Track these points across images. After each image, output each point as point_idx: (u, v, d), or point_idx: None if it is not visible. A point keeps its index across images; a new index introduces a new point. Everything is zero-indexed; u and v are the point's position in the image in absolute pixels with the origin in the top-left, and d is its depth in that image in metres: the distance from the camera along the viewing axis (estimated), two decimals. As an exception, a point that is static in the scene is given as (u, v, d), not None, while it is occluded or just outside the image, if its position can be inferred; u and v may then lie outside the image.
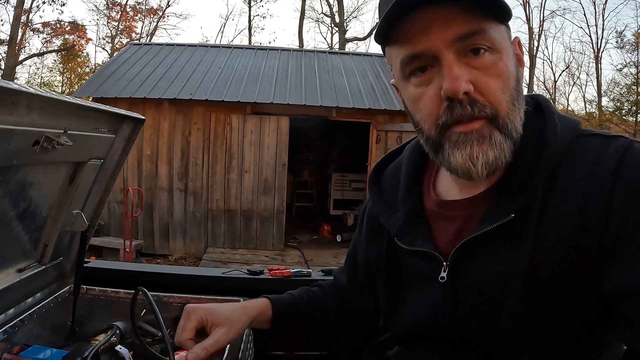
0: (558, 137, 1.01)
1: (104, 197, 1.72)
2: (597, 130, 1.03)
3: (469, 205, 1.10)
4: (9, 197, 1.29)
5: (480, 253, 1.04)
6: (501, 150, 0.97)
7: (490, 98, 0.96)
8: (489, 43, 0.96)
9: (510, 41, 1.04)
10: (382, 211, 1.27)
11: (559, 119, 1.05)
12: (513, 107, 0.98)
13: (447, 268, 1.09)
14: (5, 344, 1.37)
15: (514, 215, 0.99)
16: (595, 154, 0.96)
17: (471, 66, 0.96)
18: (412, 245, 1.15)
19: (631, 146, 0.95)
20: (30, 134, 1.16)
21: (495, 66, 0.97)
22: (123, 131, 1.60)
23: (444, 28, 0.94)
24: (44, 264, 1.60)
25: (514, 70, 1.01)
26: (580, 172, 0.96)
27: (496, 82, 0.97)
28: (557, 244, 0.95)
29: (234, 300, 1.66)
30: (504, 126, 0.97)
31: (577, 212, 0.94)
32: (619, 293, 0.87)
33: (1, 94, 0.99)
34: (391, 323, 1.27)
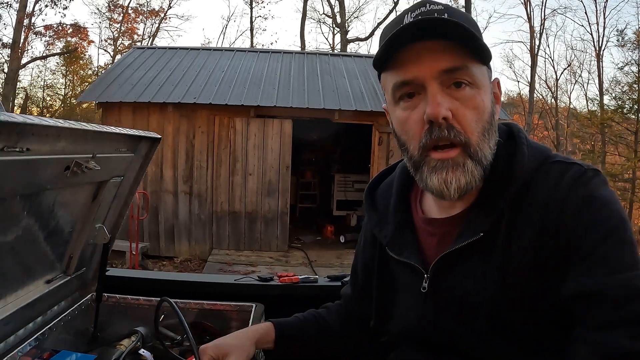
0: (524, 165, 1.15)
1: (124, 211, 1.83)
2: (560, 157, 1.17)
3: (446, 224, 1.24)
4: (40, 218, 1.41)
5: (456, 266, 1.19)
6: (472, 176, 1.11)
7: (465, 127, 1.10)
8: (470, 79, 1.10)
9: (490, 81, 1.19)
10: (375, 223, 1.41)
11: (528, 147, 1.19)
12: (484, 137, 1.12)
13: (428, 280, 1.24)
14: (35, 350, 1.48)
15: (483, 234, 1.13)
16: (554, 179, 1.11)
17: (452, 97, 1.10)
18: (400, 255, 1.30)
19: (584, 173, 1.10)
20: (62, 161, 1.28)
21: (473, 99, 1.11)
22: (141, 150, 1.71)
23: (432, 61, 1.09)
24: (69, 275, 1.70)
25: (490, 105, 1.15)
26: (541, 195, 1.10)
27: (472, 114, 1.10)
28: (521, 257, 1.10)
29: (247, 306, 1.79)
30: (475, 154, 1.11)
31: (538, 229, 1.09)
32: (573, 296, 1.02)
33: (37, 128, 1.10)
34: (384, 328, 1.41)
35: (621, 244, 1.02)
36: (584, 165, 1.12)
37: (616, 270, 0.99)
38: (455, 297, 1.20)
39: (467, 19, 1.15)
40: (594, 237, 1.02)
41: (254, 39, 34.37)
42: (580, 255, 1.03)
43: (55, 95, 33.53)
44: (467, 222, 1.19)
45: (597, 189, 1.08)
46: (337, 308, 1.63)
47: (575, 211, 1.06)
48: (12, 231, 1.32)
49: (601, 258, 1.01)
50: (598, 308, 0.98)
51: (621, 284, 0.97)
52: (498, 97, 1.23)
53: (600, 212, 1.05)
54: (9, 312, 1.39)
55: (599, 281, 0.99)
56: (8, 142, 1.05)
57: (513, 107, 34.92)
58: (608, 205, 1.06)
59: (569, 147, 32.36)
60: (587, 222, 1.04)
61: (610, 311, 0.96)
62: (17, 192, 1.24)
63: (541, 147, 1.22)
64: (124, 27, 33.83)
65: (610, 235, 1.02)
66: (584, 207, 1.05)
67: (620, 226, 1.04)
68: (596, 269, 1.00)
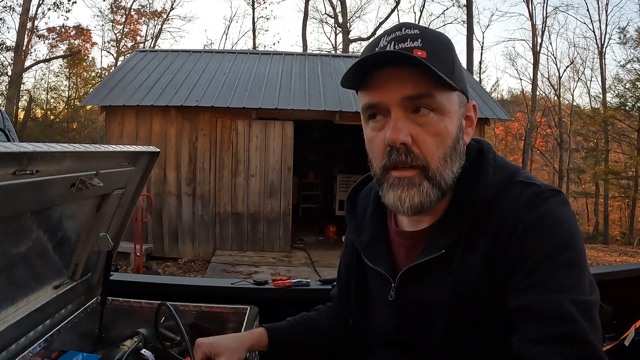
0: (487, 187, 1.20)
1: (126, 220, 1.94)
2: (523, 177, 1.22)
3: (414, 237, 1.32)
4: (48, 231, 1.53)
5: (419, 278, 1.27)
6: (427, 196, 1.16)
7: (425, 152, 1.15)
8: (434, 106, 1.14)
9: (460, 106, 1.22)
10: (352, 229, 1.49)
11: (494, 167, 1.24)
12: (445, 162, 1.17)
13: (395, 289, 1.33)
14: (44, 351, 1.58)
15: (444, 251, 1.21)
16: (511, 200, 1.17)
17: (415, 122, 1.15)
18: (373, 263, 1.38)
19: (540, 194, 1.16)
20: (68, 179, 1.39)
21: (435, 126, 1.15)
22: (141, 163, 1.81)
23: (397, 87, 1.14)
24: (75, 280, 1.80)
25: (455, 131, 1.19)
26: (498, 214, 1.17)
27: (432, 140, 1.15)
28: (473, 272, 1.18)
29: (242, 309, 1.89)
30: (433, 177, 1.16)
31: (490, 246, 1.16)
32: (513, 309, 1.09)
33: (45, 153, 1.22)
34: (361, 329, 1.49)
35: (565, 265, 1.06)
36: (542, 186, 1.17)
37: (553, 290, 1.04)
38: (417, 306, 1.28)
39: (439, 46, 1.17)
40: (539, 256, 1.08)
41: (257, 40, 34.51)
42: (523, 272, 1.09)
43: (59, 97, 33.63)
44: (431, 238, 1.25)
45: (551, 209, 1.12)
46: (328, 310, 1.70)
47: (525, 230, 1.11)
48: (24, 243, 1.43)
49: (542, 277, 1.06)
50: (532, 322, 1.04)
51: (555, 305, 1.02)
52: (472, 121, 1.27)
53: (551, 232, 1.09)
54: (20, 316, 1.49)
55: (535, 298, 1.04)
56: (20, 166, 1.16)
57: (516, 105, 34.88)
58: (559, 225, 1.10)
59: (572, 144, 32.24)
60: (534, 241, 1.09)
61: (541, 327, 1.02)
62: (28, 209, 1.35)
63: (508, 166, 1.27)
64: (126, 28, 33.94)
65: (556, 256, 1.07)
66: (534, 226, 1.11)
67: (568, 248, 1.08)
68: (535, 287, 1.06)
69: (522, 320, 1.07)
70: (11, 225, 1.33)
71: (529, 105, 29.73)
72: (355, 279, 1.50)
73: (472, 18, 26.58)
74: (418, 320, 1.29)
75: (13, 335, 1.48)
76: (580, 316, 1.01)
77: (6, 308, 1.45)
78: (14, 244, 1.39)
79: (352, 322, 1.53)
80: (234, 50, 18.53)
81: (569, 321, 1.00)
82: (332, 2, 31.90)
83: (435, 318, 1.23)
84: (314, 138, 13.74)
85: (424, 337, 1.27)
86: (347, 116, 11.19)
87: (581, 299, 1.04)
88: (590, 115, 24.86)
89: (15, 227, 1.35)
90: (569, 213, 1.15)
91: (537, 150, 32.44)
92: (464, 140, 1.24)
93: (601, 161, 24.64)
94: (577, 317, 1.01)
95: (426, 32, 1.18)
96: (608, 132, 24.32)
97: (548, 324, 1.02)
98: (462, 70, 1.24)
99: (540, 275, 1.07)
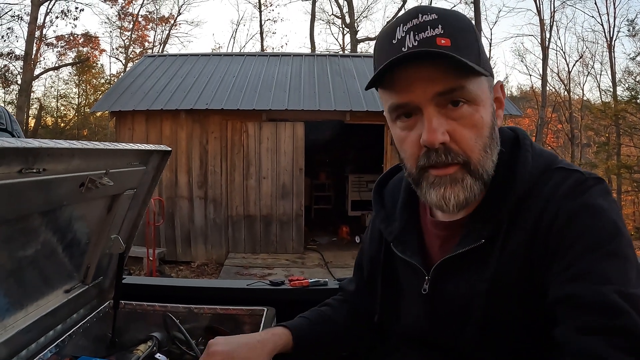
0: (526, 174, 1.15)
1: (138, 221, 1.89)
2: (564, 164, 1.17)
3: (449, 227, 1.26)
4: (58, 232, 1.48)
5: (455, 271, 1.21)
6: (471, 191, 1.12)
7: (464, 147, 1.10)
8: (467, 97, 1.09)
9: (491, 89, 1.17)
10: (381, 219, 1.43)
11: (532, 154, 1.19)
12: (485, 154, 1.12)
13: (429, 282, 1.26)
14: (56, 356, 1.53)
15: (484, 241, 1.15)
16: (552, 187, 1.11)
17: (450, 117, 1.09)
18: (404, 254, 1.32)
19: (584, 182, 1.10)
20: (77, 178, 1.35)
21: (471, 118, 1.10)
22: (152, 162, 1.77)
23: (427, 84, 1.07)
24: (86, 284, 1.77)
25: (490, 119, 1.14)
26: (539, 202, 1.11)
27: (470, 132, 1.10)
28: (513, 264, 1.11)
29: (259, 310, 1.84)
30: (475, 171, 1.12)
31: (530, 236, 1.10)
32: (555, 301, 1.02)
33: (52, 150, 1.17)
34: (387, 323, 1.43)
35: (610, 256, 1.01)
36: (585, 174, 1.12)
37: (599, 281, 0.98)
38: (452, 301, 1.21)
39: (461, 29, 1.10)
40: (583, 246, 1.02)
41: (264, 42, 34.56)
42: (566, 262, 1.03)
43: (69, 105, 33.85)
44: (468, 228, 1.19)
45: (594, 197, 1.07)
46: (341, 304, 1.61)
47: (568, 218, 1.05)
48: (33, 245, 1.38)
49: (587, 268, 1.00)
50: (577, 312, 0.98)
51: (602, 296, 0.96)
52: (501, 102, 1.22)
53: (594, 222, 1.04)
54: (31, 321, 1.45)
55: (581, 289, 0.99)
56: (26, 164, 1.12)
57: (526, 101, 34.74)
58: (603, 214, 1.05)
59: (584, 139, 32.11)
60: (578, 230, 1.04)
61: (589, 318, 0.96)
62: (36, 209, 1.31)
63: (546, 153, 1.22)
64: (134, 35, 34.10)
65: (600, 246, 1.02)
66: (577, 215, 1.05)
67: (612, 238, 1.03)
68: (581, 278, 1.00)
69: (568, 311, 1.00)
70: (19, 227, 1.28)
71: (539, 101, 29.55)
72: (383, 270, 1.44)
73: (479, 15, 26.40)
74: (453, 314, 1.22)
75: (23, 341, 1.44)
76: (630, 308, 0.95)
77: (15, 313, 1.40)
78: (22, 246, 1.34)
79: (377, 318, 1.46)
80: (242, 52, 18.54)
81: (621, 313, 0.94)
82: (339, 2, 31.93)
83: (472, 313, 1.17)
84: (325, 139, 13.73)
85: (458, 334, 1.21)
86: (358, 115, 11.17)
87: (629, 291, 0.97)
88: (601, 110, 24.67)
89: (23, 228, 1.31)
90: (612, 202, 1.09)
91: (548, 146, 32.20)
92: (497, 124, 1.19)
93: (613, 155, 24.46)
94: (628, 309, 0.94)
95: (445, 15, 1.10)
96: (619, 125, 24.10)
97: (598, 315, 0.96)
98: (485, 50, 1.18)
99: (585, 265, 1.01)
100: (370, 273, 1.53)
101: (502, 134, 1.25)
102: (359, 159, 15.07)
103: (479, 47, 1.13)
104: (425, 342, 1.32)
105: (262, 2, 34.41)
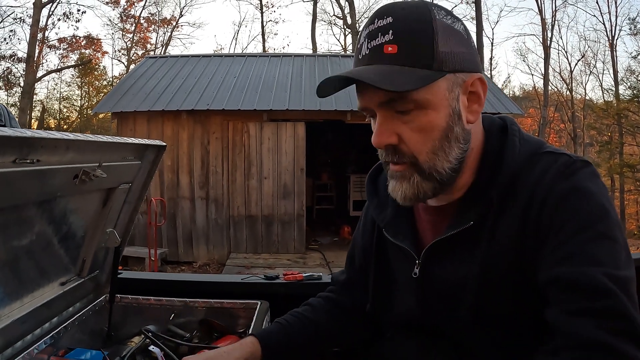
0: (515, 157, 1.17)
1: (133, 216, 1.91)
2: (551, 148, 1.19)
3: (439, 212, 1.28)
4: (53, 223, 1.51)
5: (446, 255, 1.23)
6: (420, 188, 1.17)
7: (412, 148, 1.14)
8: (413, 104, 1.11)
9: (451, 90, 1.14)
10: (374, 206, 1.45)
11: (520, 140, 1.21)
12: (433, 155, 1.14)
13: (419, 266, 1.28)
14: (51, 348, 1.56)
15: (473, 223, 1.17)
16: (541, 170, 1.13)
17: (399, 120, 1.14)
18: (395, 238, 1.34)
19: (572, 164, 1.12)
20: (70, 170, 1.37)
21: (417, 122, 1.13)
22: (147, 157, 1.79)
23: (372, 94, 1.14)
24: (82, 277, 1.79)
25: (444, 121, 1.13)
26: (528, 185, 1.13)
27: (417, 136, 1.14)
28: (503, 247, 1.13)
29: (253, 304, 1.86)
30: (423, 170, 1.15)
31: (520, 219, 1.12)
32: (546, 282, 1.04)
33: (45, 141, 1.20)
34: (380, 312, 1.44)
35: (598, 238, 1.03)
36: (573, 157, 1.14)
37: (587, 263, 1.00)
38: (443, 284, 1.23)
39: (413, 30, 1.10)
40: (572, 228, 1.04)
41: (266, 44, 34.62)
42: (555, 244, 1.05)
43: (71, 107, 33.95)
44: (458, 211, 1.22)
45: (583, 180, 1.09)
46: (322, 303, 1.59)
47: (556, 201, 1.07)
48: (28, 236, 1.41)
49: (575, 249, 1.02)
50: (567, 294, 1.00)
51: (590, 277, 0.98)
52: (478, 95, 1.18)
53: (582, 204, 1.06)
54: (25, 311, 1.47)
55: (569, 270, 1.00)
56: (20, 154, 1.14)
57: (528, 100, 34.71)
58: (591, 197, 1.07)
59: (586, 139, 32.06)
60: (567, 212, 1.06)
61: (579, 300, 0.98)
62: (30, 199, 1.33)
63: (534, 139, 1.24)
64: (136, 37, 34.22)
65: (588, 228, 1.03)
66: (565, 197, 1.07)
67: (601, 220, 1.04)
68: (569, 259, 1.02)
69: (558, 292, 1.02)
70: (14, 216, 1.31)
71: (541, 101, 29.53)
72: (375, 259, 1.45)
73: (481, 14, 26.42)
74: (445, 298, 1.24)
75: (18, 332, 1.46)
76: (619, 290, 0.97)
77: (10, 303, 1.43)
78: (17, 236, 1.37)
79: (369, 307, 1.47)
80: (244, 53, 18.58)
81: (609, 295, 0.96)
82: (341, 3, 31.96)
83: (464, 295, 1.19)
84: (326, 139, 13.73)
85: (451, 317, 1.22)
86: (359, 115, 11.01)
87: (617, 273, 0.99)
88: (603, 109, 24.69)
89: (18, 218, 1.33)
90: (601, 185, 1.11)
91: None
92: (467, 119, 1.18)
93: (616, 154, 24.47)
94: (616, 291, 0.97)
95: (399, 18, 1.10)
96: (622, 124, 24.11)
97: (587, 296, 0.98)
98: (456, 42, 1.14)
99: (574, 247, 1.03)
100: (362, 262, 1.55)
101: (491, 122, 1.28)
102: (360, 159, 15.02)
103: (434, 48, 1.10)
104: (418, 329, 1.33)
105: (264, 4, 34.55)
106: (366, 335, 1.58)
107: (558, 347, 0.99)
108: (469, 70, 1.16)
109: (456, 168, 1.18)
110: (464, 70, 1.15)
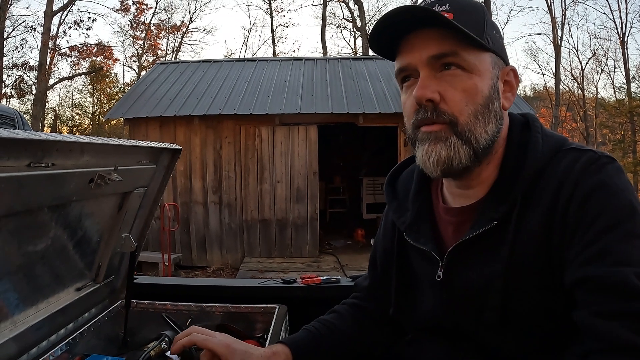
0: (538, 154, 1.15)
1: (149, 220, 1.90)
2: (575, 145, 1.16)
3: (462, 213, 1.25)
4: (68, 228, 1.48)
5: (470, 256, 1.20)
6: (456, 152, 1.13)
7: (452, 107, 1.13)
8: (461, 63, 1.13)
9: (494, 67, 1.18)
10: (394, 210, 1.43)
11: (543, 136, 1.19)
12: (475, 119, 1.13)
13: (443, 268, 1.25)
14: (67, 354, 1.53)
15: (497, 223, 1.14)
16: (566, 166, 1.10)
17: (443, 80, 1.13)
18: (417, 242, 1.31)
19: (597, 160, 1.09)
20: (85, 174, 1.35)
21: (462, 82, 1.13)
22: (162, 161, 1.77)
23: (423, 48, 1.14)
24: (98, 283, 1.77)
25: (487, 91, 1.15)
26: (553, 183, 1.10)
27: (460, 95, 1.13)
28: (529, 246, 1.10)
29: (271, 308, 1.83)
30: (462, 133, 1.13)
31: (546, 216, 1.09)
32: (575, 282, 1.01)
33: (60, 144, 1.18)
34: (402, 316, 1.42)
35: (628, 236, 1.00)
36: (598, 152, 1.12)
37: (618, 263, 0.97)
38: (467, 286, 1.21)
39: (467, 8, 1.16)
40: (601, 226, 1.01)
41: (276, 48, 34.80)
42: (584, 242, 1.02)
43: (83, 114, 34.20)
44: (481, 211, 1.19)
45: (609, 176, 1.06)
46: (348, 310, 1.57)
47: (583, 198, 1.05)
48: (43, 240, 1.39)
49: (605, 248, 0.99)
50: (598, 295, 0.97)
51: (621, 278, 0.95)
52: (512, 86, 1.23)
53: (610, 200, 1.03)
54: (41, 317, 1.45)
55: (600, 270, 0.97)
56: (34, 158, 1.12)
57: (540, 100, 34.59)
58: (619, 194, 1.04)
59: (599, 137, 31.87)
60: (595, 209, 1.03)
61: (609, 301, 0.95)
62: (45, 204, 1.31)
63: (557, 136, 1.22)
64: (147, 43, 34.44)
65: (617, 226, 1.00)
66: (593, 194, 1.04)
67: (629, 218, 1.01)
68: (600, 259, 0.99)
69: (588, 293, 0.99)
70: (28, 220, 1.28)
71: (552, 100, 29.38)
72: (397, 262, 1.43)
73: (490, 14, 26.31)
74: (469, 300, 1.21)
75: (34, 338, 1.44)
76: None
77: (26, 309, 1.40)
78: (32, 241, 1.35)
79: (392, 311, 1.44)
80: (255, 58, 18.64)
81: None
82: (350, 6, 31.99)
83: (489, 297, 1.16)
84: (338, 142, 13.70)
85: (476, 319, 1.20)
86: (371, 118, 11.15)
87: None
88: (615, 107, 24.54)
89: (33, 222, 1.31)
90: (627, 182, 1.08)
91: (564, 146, 31.94)
92: (502, 104, 1.20)
93: (629, 153, 24.31)
94: None
95: None
96: (634, 122, 23.95)
97: (619, 298, 0.95)
98: (498, 35, 1.21)
99: (604, 246, 1.00)
100: (384, 266, 1.52)
101: (513, 119, 1.27)
102: (373, 162, 15.02)
103: (486, 26, 1.16)
104: (442, 332, 1.30)
105: (273, 8, 34.64)
106: (393, 339, 1.54)
107: (589, 351, 0.96)
108: (505, 60, 1.22)
109: (490, 144, 1.17)
110: (502, 58, 1.21)
